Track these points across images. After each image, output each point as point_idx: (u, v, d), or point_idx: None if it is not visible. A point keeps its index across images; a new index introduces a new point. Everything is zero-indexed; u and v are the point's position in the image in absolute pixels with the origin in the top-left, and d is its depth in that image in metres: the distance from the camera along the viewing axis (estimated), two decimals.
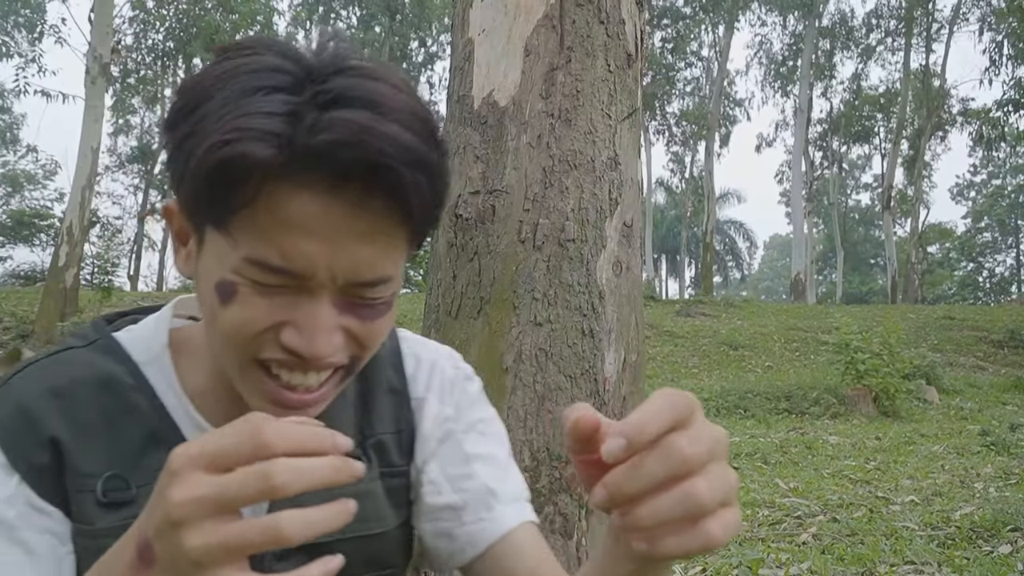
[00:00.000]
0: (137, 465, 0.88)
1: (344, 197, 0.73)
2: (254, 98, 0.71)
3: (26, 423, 0.86)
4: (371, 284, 0.78)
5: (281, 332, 0.78)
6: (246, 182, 0.71)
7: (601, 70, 2.02)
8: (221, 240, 0.76)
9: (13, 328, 13.89)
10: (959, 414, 10.54)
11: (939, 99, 32.80)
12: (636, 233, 2.06)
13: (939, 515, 4.51)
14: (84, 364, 0.91)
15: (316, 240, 0.74)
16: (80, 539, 0.85)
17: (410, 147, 0.72)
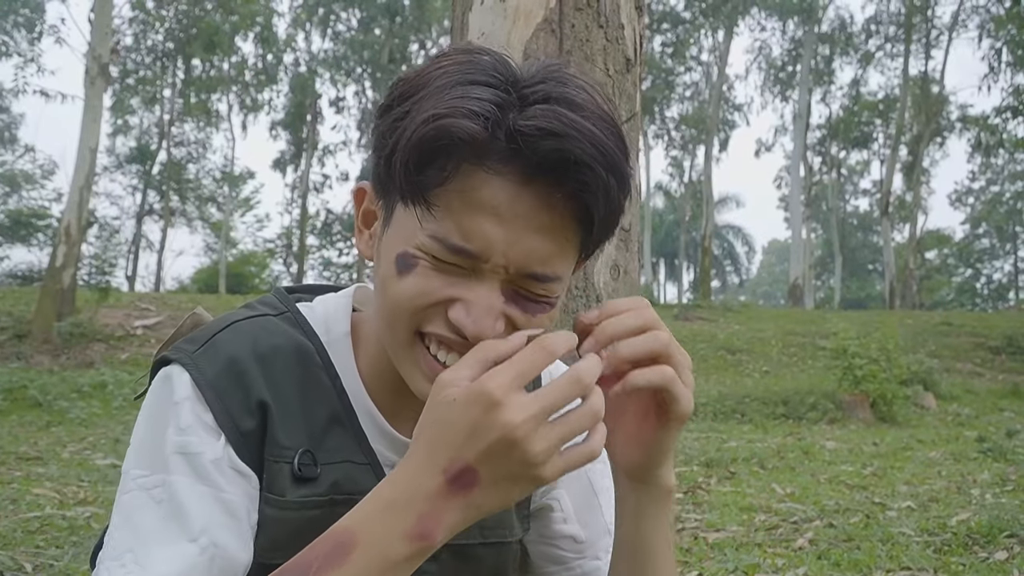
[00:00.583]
0: (322, 444, 0.91)
1: (534, 189, 0.77)
2: (468, 87, 0.77)
3: (238, 383, 0.88)
4: (541, 279, 0.81)
5: (450, 308, 0.81)
6: (449, 157, 0.77)
7: (600, 74, 2.02)
8: (410, 217, 0.81)
9: (10, 328, 13.86)
10: (956, 420, 10.56)
11: (938, 105, 32.84)
12: (634, 237, 2.06)
13: (936, 521, 4.50)
14: (281, 333, 0.94)
15: (499, 225, 0.78)
16: (268, 508, 0.87)
17: (608, 150, 0.76)
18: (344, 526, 0.77)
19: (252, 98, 34.86)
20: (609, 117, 0.79)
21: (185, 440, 0.84)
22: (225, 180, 38.75)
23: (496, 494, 0.74)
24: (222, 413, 0.86)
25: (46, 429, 8.75)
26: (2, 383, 10.41)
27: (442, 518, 0.74)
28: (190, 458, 0.83)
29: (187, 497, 0.82)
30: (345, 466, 0.91)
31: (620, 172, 0.77)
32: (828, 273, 51.36)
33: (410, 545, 0.74)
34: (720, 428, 9.71)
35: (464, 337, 0.81)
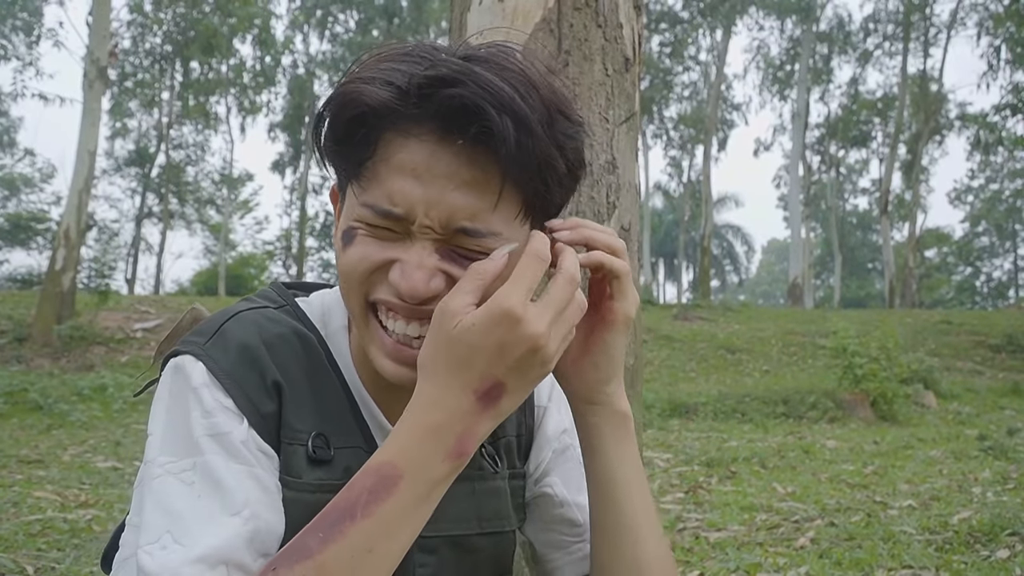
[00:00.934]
0: (336, 428, 0.93)
1: (450, 147, 0.80)
2: (386, 63, 0.82)
3: (252, 368, 0.89)
4: (472, 233, 0.83)
5: (390, 272, 0.85)
6: (370, 129, 0.81)
7: (599, 74, 2.02)
8: (351, 194, 0.85)
9: (10, 331, 13.86)
10: (957, 419, 10.55)
11: (937, 103, 32.85)
12: (634, 237, 2.06)
13: (937, 519, 4.50)
14: (284, 323, 0.96)
15: (419, 184, 0.81)
16: (286, 490, 0.88)
17: (502, 92, 0.78)
18: (384, 460, 0.80)
19: (250, 100, 34.85)
20: (524, 73, 0.80)
21: (212, 422, 0.85)
22: (224, 182, 38.74)
23: (519, 396, 0.81)
24: (242, 398, 0.87)
25: (47, 432, 8.75)
26: (2, 386, 10.40)
27: (477, 431, 0.80)
28: (220, 438, 0.84)
29: (224, 474, 0.82)
30: (357, 452, 0.92)
31: (516, 114, 0.77)
32: (827, 272, 51.36)
33: (451, 463, 0.80)
34: (720, 428, 9.71)
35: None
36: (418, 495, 0.79)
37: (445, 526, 0.95)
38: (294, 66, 35.88)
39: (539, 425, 1.10)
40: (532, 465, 1.09)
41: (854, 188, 48.17)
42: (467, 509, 0.98)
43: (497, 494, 1.03)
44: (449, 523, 0.96)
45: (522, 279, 0.78)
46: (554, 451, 1.09)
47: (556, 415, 1.11)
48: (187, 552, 0.77)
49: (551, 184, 0.84)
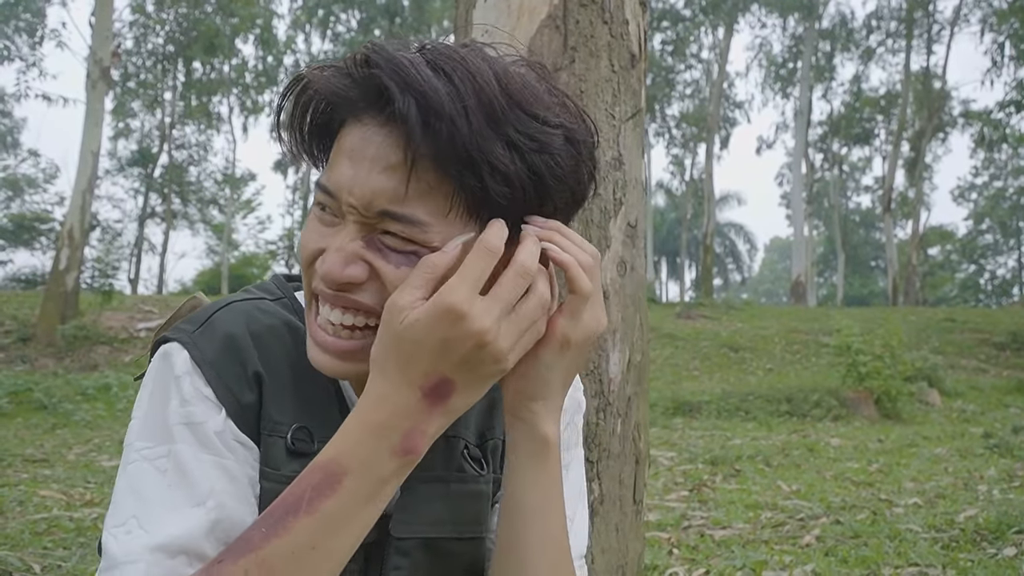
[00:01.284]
0: (320, 422, 0.91)
1: (387, 132, 0.80)
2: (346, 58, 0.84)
3: (234, 359, 0.89)
4: (397, 218, 0.80)
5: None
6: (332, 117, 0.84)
7: (605, 70, 2.01)
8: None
9: (15, 331, 13.89)
10: (961, 417, 10.54)
11: (940, 101, 32.80)
12: (640, 233, 2.05)
13: (943, 517, 4.49)
14: (276, 315, 0.96)
15: (351, 165, 0.81)
16: (265, 482, 0.88)
17: (413, 77, 0.76)
18: (329, 456, 0.78)
19: (253, 100, 34.84)
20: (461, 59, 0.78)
21: (188, 411, 0.85)
22: (227, 182, 38.76)
23: (470, 394, 0.80)
24: (222, 388, 0.87)
25: (51, 431, 8.77)
26: (7, 386, 10.42)
27: (425, 429, 0.79)
28: (193, 428, 0.84)
29: (192, 464, 0.83)
30: None
31: (420, 92, 0.75)
32: (830, 270, 51.33)
33: (398, 460, 0.78)
34: (724, 426, 9.70)
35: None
36: (363, 493, 0.78)
37: (419, 528, 0.93)
38: (296, 65, 35.87)
39: None
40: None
41: (857, 186, 48.14)
42: (441, 511, 0.95)
43: (477, 497, 0.99)
44: (423, 525, 0.94)
45: (469, 272, 0.76)
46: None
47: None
48: (149, 539, 0.78)
49: (489, 180, 0.78)
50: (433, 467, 0.94)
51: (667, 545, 4.00)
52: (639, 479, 2.02)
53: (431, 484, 0.94)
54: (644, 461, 2.05)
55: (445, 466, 0.96)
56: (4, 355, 13.13)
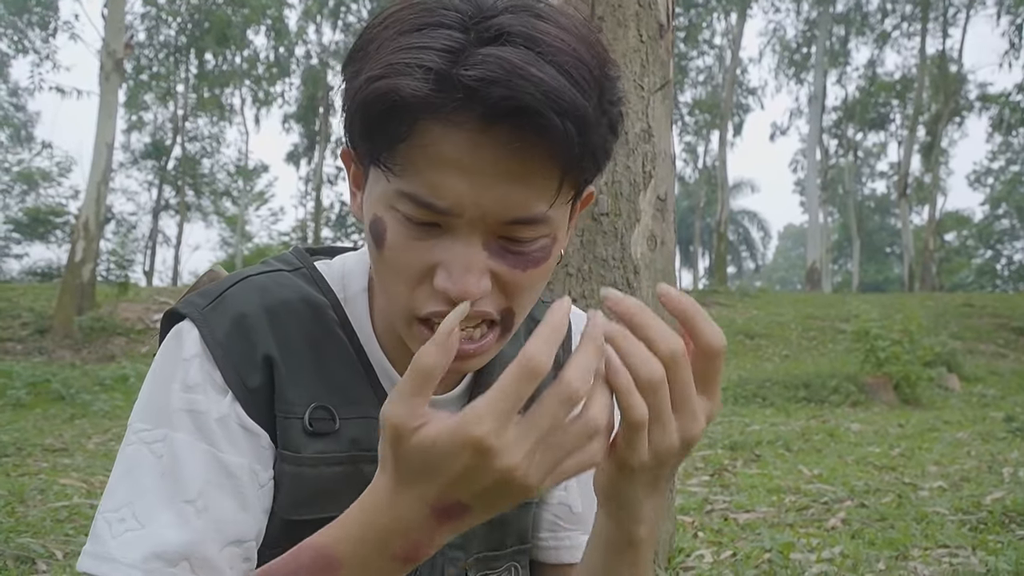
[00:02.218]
0: (343, 399, 0.88)
1: (494, 136, 0.72)
2: (416, 34, 0.74)
3: (243, 340, 0.86)
4: (523, 222, 0.77)
5: (434, 278, 0.78)
6: (399, 117, 0.73)
7: (633, 40, 1.98)
8: (380, 177, 0.78)
9: (32, 323, 13.97)
10: (981, 401, 10.45)
11: (956, 84, 32.51)
12: (670, 207, 2.02)
13: (969, 500, 4.44)
14: (294, 288, 0.91)
15: (465, 177, 0.74)
16: (286, 465, 0.85)
17: (561, 93, 0.70)
18: (326, 543, 0.74)
19: (264, 91, 34.90)
20: (572, 48, 0.73)
21: (191, 398, 0.84)
22: (239, 174, 38.86)
23: (486, 514, 0.72)
24: (229, 370, 0.84)
25: (70, 421, 8.80)
26: (25, 377, 10.48)
27: (432, 541, 0.72)
28: (194, 416, 0.83)
29: (186, 455, 0.81)
30: (367, 422, 0.88)
31: (578, 114, 0.71)
32: (845, 257, 51.04)
33: (398, 564, 0.73)
34: (742, 412, 9.64)
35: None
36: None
37: None
38: (307, 56, 35.90)
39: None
40: None
41: (872, 172, 47.82)
42: None
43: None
44: None
45: (502, 398, 0.65)
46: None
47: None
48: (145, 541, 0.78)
49: (602, 161, 0.79)
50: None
51: (691, 529, 3.97)
52: None
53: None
54: None
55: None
56: (22, 347, 13.21)
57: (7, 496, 4.79)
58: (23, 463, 6.12)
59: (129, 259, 21.36)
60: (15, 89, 36.78)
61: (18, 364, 11.52)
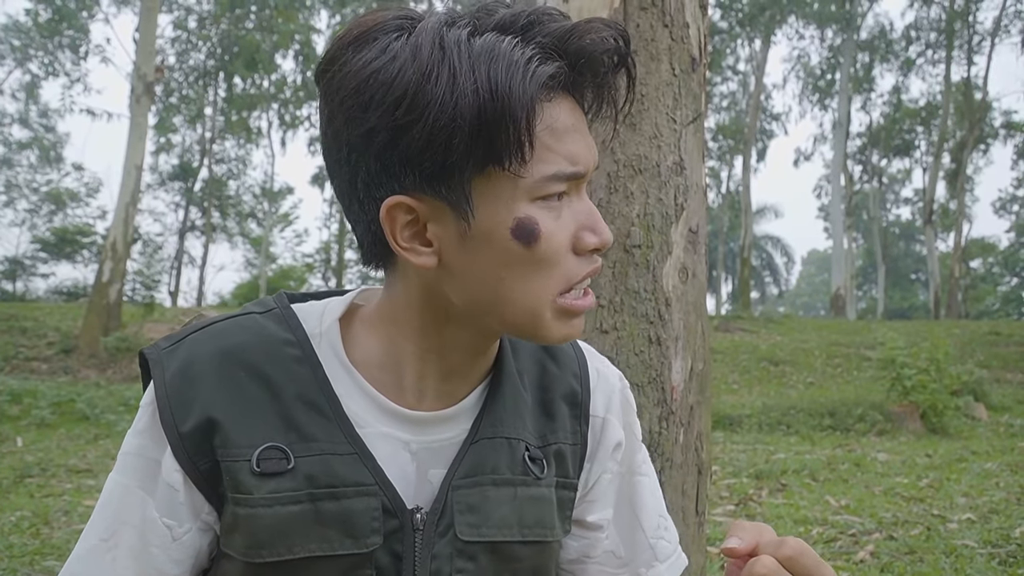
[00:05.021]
0: (298, 436, 0.88)
1: (573, 98, 0.83)
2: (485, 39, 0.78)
3: (187, 385, 0.87)
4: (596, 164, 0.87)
5: (578, 243, 0.84)
6: (517, 114, 0.76)
7: (666, 74, 1.99)
8: (504, 180, 0.80)
9: (57, 343, 14.09)
10: (1009, 431, 10.30)
11: (981, 111, 32.31)
12: (702, 239, 2.02)
13: (998, 533, 4.39)
14: (255, 330, 0.92)
15: (582, 137, 0.83)
16: (238, 508, 0.86)
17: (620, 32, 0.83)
18: None
19: (291, 114, 35.22)
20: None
21: (136, 443, 0.88)
22: (265, 196, 39.17)
23: None
24: (167, 414, 0.86)
25: (94, 442, 8.86)
26: (50, 397, 10.56)
27: None
28: (133, 458, 0.88)
29: (115, 495, 0.88)
30: (324, 458, 0.87)
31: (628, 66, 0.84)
32: (870, 283, 50.62)
33: None
34: (766, 440, 9.56)
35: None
36: None
37: (487, 532, 0.91)
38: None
39: (597, 437, 1.03)
40: (585, 479, 1.03)
41: (896, 198, 47.51)
42: (509, 515, 0.92)
43: (540, 501, 0.96)
44: (492, 528, 0.91)
45: None
46: (611, 472, 1.04)
47: (617, 430, 1.04)
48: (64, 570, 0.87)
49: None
50: (500, 470, 0.93)
51: (718, 560, 3.93)
52: (702, 490, 1.98)
53: (501, 488, 0.92)
54: (707, 471, 2.01)
55: (511, 469, 0.94)
56: (47, 366, 13.33)
57: (32, 518, 4.82)
58: (47, 484, 6.16)
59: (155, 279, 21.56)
60: (45, 110, 37.34)
61: (43, 383, 11.63)
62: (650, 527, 1.05)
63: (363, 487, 0.86)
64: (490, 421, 0.94)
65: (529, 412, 0.98)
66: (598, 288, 1.87)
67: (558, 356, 1.03)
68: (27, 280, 37.00)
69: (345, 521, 0.85)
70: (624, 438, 1.04)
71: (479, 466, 0.92)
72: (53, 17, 26.72)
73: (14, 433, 9.08)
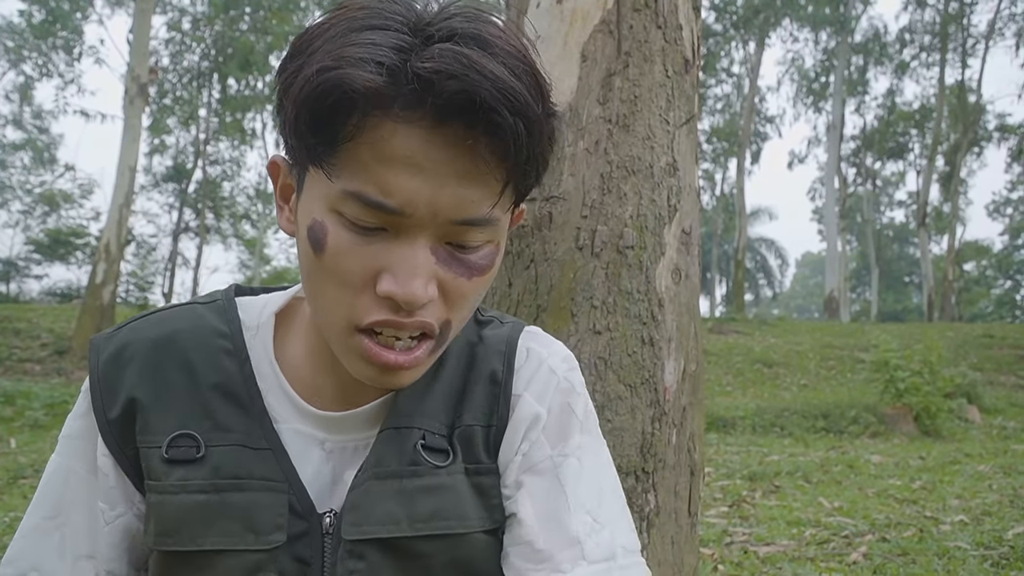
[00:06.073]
0: (212, 426, 0.87)
1: (446, 134, 0.72)
2: (367, 32, 0.73)
3: (116, 371, 0.89)
4: (473, 223, 0.76)
5: (378, 283, 0.77)
6: (349, 111, 0.72)
7: (659, 75, 1.99)
8: (320, 178, 0.76)
9: (51, 344, 14.05)
10: (1002, 433, 10.34)
11: (975, 114, 32.42)
12: (695, 240, 2.02)
13: (991, 535, 4.40)
14: (191, 319, 0.93)
15: (418, 175, 0.73)
16: (152, 495, 0.86)
17: (515, 92, 0.71)
18: None
19: None
20: (521, 54, 0.74)
21: (73, 424, 0.91)
22: (259, 197, 39.13)
23: None
24: (97, 399, 0.88)
25: None
26: (44, 398, 10.54)
27: None
28: (70, 440, 0.91)
29: (55, 474, 0.91)
30: (236, 450, 0.86)
31: (529, 114, 0.72)
32: (863, 286, 50.72)
33: None
34: (760, 442, 9.58)
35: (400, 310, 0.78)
36: None
37: (368, 528, 0.85)
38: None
39: (512, 415, 0.94)
40: (502, 462, 0.93)
41: (890, 201, 47.64)
42: (396, 508, 0.86)
43: (439, 491, 0.88)
44: (374, 525, 0.86)
45: None
46: (523, 454, 0.93)
47: (532, 404, 0.94)
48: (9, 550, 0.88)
49: (541, 171, 0.80)
50: (386, 463, 0.88)
51: (711, 561, 3.94)
52: (694, 491, 1.98)
53: (384, 480, 0.87)
54: (699, 473, 2.01)
55: (398, 460, 0.88)
56: (40, 368, 13.29)
57: None
58: None
59: (149, 281, 21.51)
60: (39, 112, 37.25)
61: (36, 385, 11.59)
62: (577, 520, 0.90)
63: (271, 483, 0.85)
64: (394, 414, 0.90)
65: (436, 397, 0.92)
66: (591, 289, 1.88)
67: (487, 337, 0.97)
68: (21, 281, 36.90)
69: (248, 514, 0.84)
70: (545, 417, 0.94)
71: (373, 462, 0.88)
72: (47, 18, 26.66)
73: (7, 434, 9.06)
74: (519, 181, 0.78)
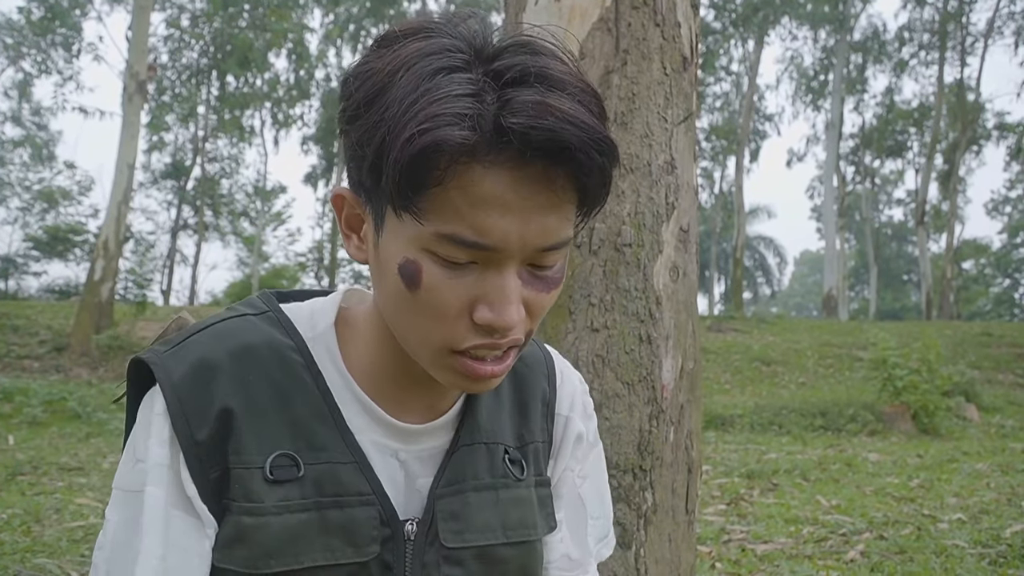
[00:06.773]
0: (307, 444, 0.87)
1: (530, 172, 0.75)
2: (436, 80, 0.74)
3: (200, 388, 0.85)
4: (554, 248, 0.80)
5: (474, 312, 0.80)
6: (437, 163, 0.73)
7: (657, 73, 1.99)
8: (406, 220, 0.78)
9: (49, 341, 14.05)
10: (1000, 432, 10.35)
11: (974, 113, 32.41)
12: (693, 238, 2.02)
13: (988, 533, 4.40)
14: (258, 332, 0.90)
15: (508, 214, 0.76)
16: (245, 517, 0.84)
17: (599, 134, 0.75)
18: None
19: (284, 113, 35.16)
20: (588, 86, 0.78)
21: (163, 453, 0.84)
22: (257, 195, 39.11)
23: None
24: (180, 420, 0.83)
25: (86, 440, 8.84)
26: (42, 395, 10.54)
27: None
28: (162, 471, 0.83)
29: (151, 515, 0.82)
30: (331, 467, 0.87)
31: (607, 147, 0.76)
32: (862, 284, 50.75)
33: None
34: (758, 440, 9.58)
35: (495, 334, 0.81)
36: None
37: (471, 537, 0.92)
38: (327, 79, 36.19)
39: (561, 434, 1.06)
40: (554, 475, 1.06)
41: (889, 199, 47.66)
42: (492, 518, 0.94)
43: (521, 502, 0.98)
44: (475, 533, 0.93)
45: None
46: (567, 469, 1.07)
47: (579, 426, 1.07)
48: None
49: (610, 187, 0.83)
50: (480, 475, 0.95)
51: (708, 559, 3.94)
52: (692, 488, 1.98)
53: (481, 492, 0.94)
54: (697, 470, 2.02)
55: (491, 473, 0.96)
56: (39, 364, 13.29)
57: (23, 515, 4.81)
58: (39, 482, 6.15)
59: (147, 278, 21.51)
60: (37, 108, 37.21)
61: (35, 382, 11.59)
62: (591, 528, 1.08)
63: (364, 496, 0.87)
64: (469, 428, 0.96)
65: (507, 415, 1.00)
66: (589, 286, 1.88)
67: (527, 358, 1.04)
68: (19, 278, 36.92)
69: (349, 530, 0.86)
70: (584, 442, 1.07)
71: (460, 473, 0.94)
72: (46, 15, 26.59)
73: (6, 431, 9.06)
74: (593, 204, 0.82)
